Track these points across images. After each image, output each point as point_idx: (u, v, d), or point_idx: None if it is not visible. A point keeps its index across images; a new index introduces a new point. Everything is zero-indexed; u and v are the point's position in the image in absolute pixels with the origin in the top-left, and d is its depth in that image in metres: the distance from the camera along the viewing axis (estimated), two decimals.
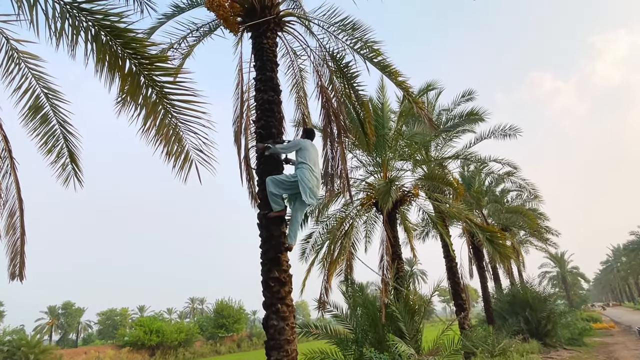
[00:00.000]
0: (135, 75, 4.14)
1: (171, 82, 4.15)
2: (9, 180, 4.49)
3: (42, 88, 5.35)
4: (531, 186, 19.17)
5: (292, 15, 7.83)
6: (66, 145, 5.61)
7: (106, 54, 4.26)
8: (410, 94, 7.99)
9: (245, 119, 7.42)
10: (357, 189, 12.61)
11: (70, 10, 4.21)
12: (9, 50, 5.01)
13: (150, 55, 4.19)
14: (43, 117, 5.43)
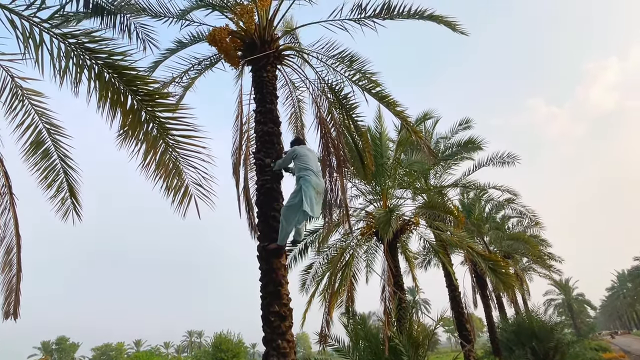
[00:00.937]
0: (137, 111, 4.20)
1: (172, 117, 4.21)
2: (7, 217, 4.48)
3: (45, 124, 5.42)
4: (531, 213, 19.13)
5: (291, 49, 8.03)
6: (66, 180, 5.62)
7: (108, 91, 4.34)
8: (409, 124, 8.10)
9: (245, 150, 7.47)
10: (356, 218, 12.56)
11: (75, 49, 4.32)
12: (14, 88, 5.11)
13: (152, 92, 4.27)
14: (44, 152, 5.48)
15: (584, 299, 66.15)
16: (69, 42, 4.37)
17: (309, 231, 12.09)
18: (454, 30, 7.17)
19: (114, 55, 4.24)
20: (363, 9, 7.22)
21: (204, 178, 4.19)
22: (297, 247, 12.03)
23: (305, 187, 5.50)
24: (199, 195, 4.26)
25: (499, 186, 16.90)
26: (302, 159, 5.75)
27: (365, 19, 7.36)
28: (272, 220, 6.32)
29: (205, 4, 7.66)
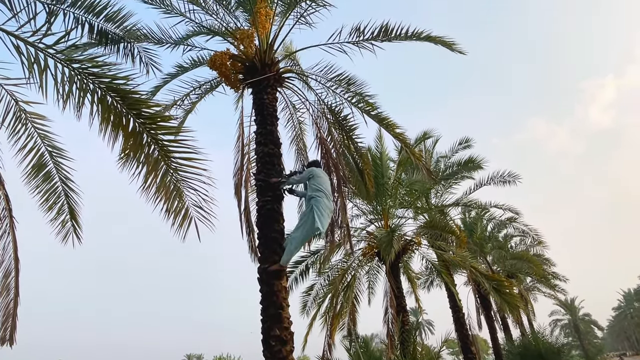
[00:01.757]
0: (139, 133, 4.24)
1: (173, 140, 4.24)
2: (7, 240, 4.46)
3: (47, 146, 5.47)
4: (534, 231, 19.00)
5: (291, 72, 8.15)
6: (67, 202, 5.63)
7: (111, 114, 4.39)
8: (408, 145, 8.15)
9: (246, 171, 7.49)
10: (357, 238, 12.49)
11: (79, 74, 4.39)
12: (17, 111, 5.18)
13: (154, 115, 4.32)
14: (46, 174, 5.50)
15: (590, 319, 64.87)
16: (73, 67, 4.44)
17: (310, 252, 12.00)
18: (451, 50, 7.29)
19: (117, 80, 4.31)
20: (361, 32, 7.36)
21: (205, 200, 4.19)
22: (298, 269, 11.92)
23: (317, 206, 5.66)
24: (199, 218, 4.25)
25: (501, 205, 16.86)
26: (317, 180, 5.93)
27: (364, 42, 7.50)
28: (272, 242, 6.29)
29: (207, 31, 7.82)
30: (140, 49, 7.03)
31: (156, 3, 7.06)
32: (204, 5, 7.29)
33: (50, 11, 5.27)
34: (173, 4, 7.14)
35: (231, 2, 7.60)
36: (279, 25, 7.42)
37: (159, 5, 7.11)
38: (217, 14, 7.55)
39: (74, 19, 5.72)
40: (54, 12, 5.55)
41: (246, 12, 7.59)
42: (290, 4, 7.11)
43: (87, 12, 5.84)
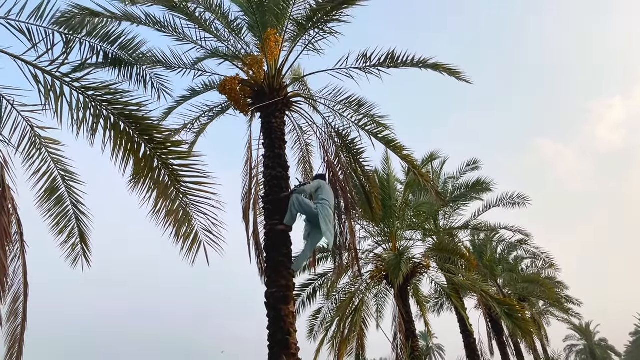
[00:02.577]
0: (150, 158, 4.31)
1: (184, 164, 4.30)
2: (17, 264, 4.50)
3: (60, 171, 5.57)
4: (545, 254, 18.64)
5: (299, 96, 8.28)
6: (77, 225, 5.70)
7: (123, 139, 4.48)
8: (416, 167, 8.16)
9: (254, 194, 7.53)
10: (365, 260, 12.36)
11: (93, 100, 4.51)
12: (32, 137, 5.31)
13: (165, 140, 4.40)
14: (58, 198, 5.59)
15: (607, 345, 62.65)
16: (87, 94, 4.57)
17: (317, 275, 11.89)
18: (457, 78, 7.38)
19: (130, 106, 4.42)
20: (368, 58, 7.50)
21: (214, 224, 4.21)
22: (305, 292, 11.79)
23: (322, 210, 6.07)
24: (208, 242, 4.26)
25: (510, 227, 16.62)
26: (324, 190, 6.39)
27: (370, 68, 7.63)
28: (280, 266, 6.26)
29: (217, 54, 8.01)
30: (152, 75, 7.22)
31: (169, 31, 7.28)
32: (216, 33, 7.50)
33: (67, 41, 5.47)
34: (186, 32, 7.35)
35: (242, 29, 7.82)
36: (288, 51, 7.59)
37: (172, 33, 7.33)
38: (228, 41, 7.75)
39: (90, 47, 5.92)
40: (71, 41, 5.75)
41: (256, 39, 7.78)
42: (299, 32, 7.29)
43: (102, 41, 6.05)
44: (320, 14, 6.63)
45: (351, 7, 6.45)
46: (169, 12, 6.96)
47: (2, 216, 3.77)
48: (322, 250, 11.08)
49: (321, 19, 6.76)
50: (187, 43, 7.61)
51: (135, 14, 6.77)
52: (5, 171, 4.17)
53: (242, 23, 7.81)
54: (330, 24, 6.96)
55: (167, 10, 6.89)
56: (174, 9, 6.75)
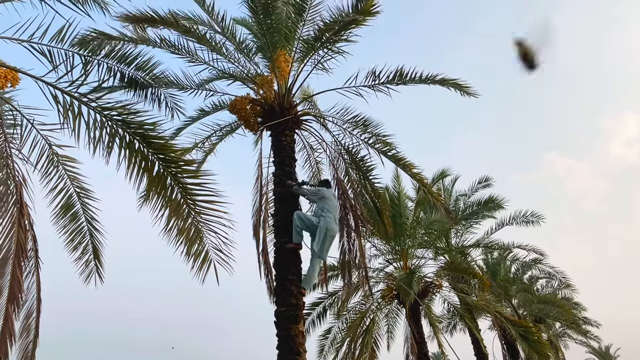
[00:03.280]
0: (163, 177, 4.39)
1: (196, 183, 4.37)
2: (31, 280, 4.57)
3: (75, 188, 5.71)
4: (561, 274, 18.18)
5: (309, 115, 8.38)
6: (91, 242, 5.79)
7: (137, 158, 4.58)
8: (425, 185, 8.13)
9: (264, 212, 7.56)
10: (375, 279, 12.21)
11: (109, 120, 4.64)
12: (50, 155, 5.46)
13: (178, 159, 4.49)
14: (73, 214, 5.71)
15: None
16: (104, 114, 4.70)
17: (327, 293, 11.77)
18: (465, 93, 7.42)
19: (145, 125, 4.53)
20: (377, 76, 7.59)
21: (224, 243, 4.24)
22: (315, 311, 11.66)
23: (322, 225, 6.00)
24: (218, 261, 4.29)
25: (524, 245, 16.31)
26: (328, 201, 6.30)
27: (379, 85, 7.72)
28: (289, 284, 6.24)
29: (228, 75, 8.18)
30: (167, 95, 7.41)
31: (182, 53, 7.50)
32: (227, 54, 7.69)
33: (86, 62, 5.67)
34: (198, 54, 7.56)
35: (252, 50, 8.01)
36: (297, 70, 7.73)
37: (185, 55, 7.55)
38: (239, 62, 7.93)
39: (107, 68, 6.13)
40: (90, 62, 5.96)
41: (266, 59, 7.95)
42: (308, 52, 7.43)
43: (119, 62, 6.26)
44: (328, 34, 6.77)
45: (359, 27, 6.57)
46: (182, 36, 7.19)
47: (20, 233, 3.86)
48: (332, 268, 11.01)
49: (329, 39, 6.89)
50: (199, 64, 7.81)
51: (150, 38, 7.01)
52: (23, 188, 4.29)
53: (251, 44, 8.02)
54: (338, 43, 7.10)
55: (180, 34, 7.11)
56: (186, 33, 6.97)
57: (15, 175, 4.51)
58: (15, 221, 4.06)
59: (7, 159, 4.70)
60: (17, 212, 4.04)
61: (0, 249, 3.84)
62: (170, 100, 7.42)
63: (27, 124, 5.14)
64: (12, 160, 4.62)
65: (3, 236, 3.94)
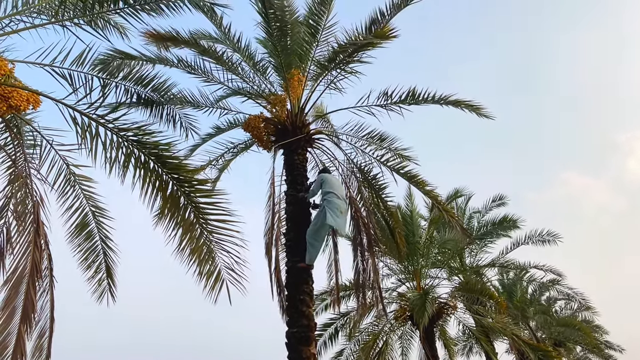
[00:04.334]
0: (177, 197, 4.42)
1: (209, 202, 4.38)
2: (45, 299, 4.61)
3: (91, 207, 5.78)
4: (580, 295, 17.62)
5: (321, 133, 8.41)
6: (105, 261, 5.83)
7: (152, 177, 4.63)
8: (440, 203, 8.04)
9: (277, 230, 7.53)
10: (388, 299, 11.99)
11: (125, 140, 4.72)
12: (67, 174, 5.56)
13: (191, 178, 4.52)
14: (87, 233, 5.77)
15: None
16: (120, 134, 4.79)
17: (339, 314, 11.58)
18: (478, 114, 7.39)
19: (160, 146, 4.60)
20: (389, 96, 7.62)
21: (237, 263, 4.22)
22: (327, 332, 11.45)
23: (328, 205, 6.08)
24: (230, 281, 4.26)
25: (541, 265, 15.90)
26: (327, 184, 6.40)
27: (392, 105, 7.74)
28: (301, 304, 6.16)
29: (242, 93, 8.30)
30: (181, 115, 7.54)
31: (199, 73, 7.66)
32: (242, 73, 7.82)
33: (104, 84, 5.83)
34: (214, 74, 7.71)
35: (267, 69, 8.14)
36: (311, 90, 7.80)
37: (201, 74, 7.71)
38: (253, 81, 8.06)
39: (125, 90, 6.28)
40: (108, 84, 6.11)
41: (280, 78, 8.06)
42: (321, 72, 7.51)
43: (136, 84, 6.41)
44: (342, 55, 6.85)
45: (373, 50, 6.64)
46: (199, 55, 7.35)
47: (35, 252, 3.90)
48: (344, 288, 10.86)
49: (343, 60, 6.97)
50: (215, 83, 7.95)
51: (168, 58, 7.18)
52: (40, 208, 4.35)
53: (267, 64, 8.15)
54: (351, 64, 7.17)
55: (198, 54, 7.28)
56: (204, 52, 7.13)
57: (34, 194, 4.59)
58: (31, 240, 4.11)
59: (26, 178, 4.79)
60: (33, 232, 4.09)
61: (16, 268, 3.88)
62: (185, 120, 7.56)
63: (46, 144, 5.27)
64: (31, 180, 4.72)
65: (19, 255, 3.99)
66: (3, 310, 3.80)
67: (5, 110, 4.25)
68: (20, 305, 3.86)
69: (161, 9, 5.13)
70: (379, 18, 6.69)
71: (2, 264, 4.37)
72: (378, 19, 6.69)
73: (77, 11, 4.99)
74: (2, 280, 4.08)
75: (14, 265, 4.00)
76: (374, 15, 6.70)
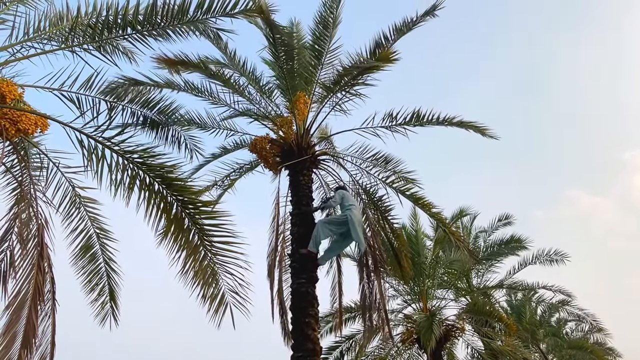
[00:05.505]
0: (181, 218, 4.41)
1: (213, 224, 4.37)
2: (47, 323, 4.55)
3: (96, 229, 5.78)
4: (591, 317, 17.20)
5: (327, 154, 8.43)
6: (108, 284, 5.79)
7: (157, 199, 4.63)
8: (446, 225, 7.97)
9: (280, 251, 7.47)
10: (394, 321, 11.76)
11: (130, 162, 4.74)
12: (73, 197, 5.58)
13: (196, 200, 4.51)
14: (91, 255, 5.75)
15: None
16: (126, 157, 4.81)
17: (344, 337, 11.35)
18: (483, 135, 7.40)
19: (165, 168, 4.61)
20: (394, 118, 7.66)
21: (241, 285, 4.16)
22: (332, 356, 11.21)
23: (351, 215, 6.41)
24: (234, 304, 4.19)
25: (550, 286, 15.60)
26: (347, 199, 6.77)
27: (396, 126, 7.77)
28: (306, 327, 6.05)
29: (249, 115, 8.37)
30: (187, 137, 7.61)
31: (205, 95, 7.77)
32: (248, 96, 7.92)
33: (111, 107, 5.91)
34: (220, 96, 7.81)
35: (273, 92, 8.24)
36: (316, 111, 7.86)
37: (208, 97, 7.82)
38: (260, 103, 8.15)
39: (131, 112, 6.36)
40: (114, 107, 6.20)
41: (286, 100, 8.14)
42: (327, 94, 7.59)
43: (142, 107, 6.50)
44: (346, 78, 6.93)
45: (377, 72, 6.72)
46: (206, 78, 7.48)
47: (38, 275, 3.88)
48: (349, 310, 10.68)
49: (348, 82, 7.05)
50: (221, 106, 8.05)
51: (175, 82, 7.31)
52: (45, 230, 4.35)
53: (272, 86, 8.26)
54: (356, 87, 7.25)
55: (205, 77, 7.40)
56: (211, 76, 7.25)
57: (39, 217, 4.59)
58: (34, 263, 4.09)
59: (32, 200, 4.81)
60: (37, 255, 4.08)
61: (19, 292, 3.85)
62: (190, 142, 7.63)
63: (53, 166, 5.30)
64: (36, 203, 4.73)
65: (22, 279, 3.96)
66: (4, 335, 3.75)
67: (13, 134, 4.30)
68: (22, 330, 3.81)
69: (168, 35, 5.23)
70: (382, 42, 6.80)
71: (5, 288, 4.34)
72: (382, 42, 6.80)
73: (87, 37, 5.10)
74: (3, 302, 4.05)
75: (17, 289, 3.97)
76: (378, 39, 6.82)
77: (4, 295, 4.16)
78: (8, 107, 4.29)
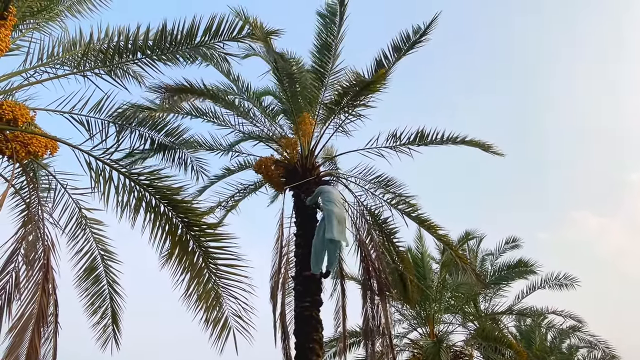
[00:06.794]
0: (186, 241, 4.41)
1: (218, 247, 4.36)
2: (48, 347, 4.50)
3: (100, 250, 5.78)
4: (604, 343, 16.68)
5: (331, 175, 8.46)
6: (111, 306, 5.75)
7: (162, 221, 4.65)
8: (452, 248, 7.90)
9: (284, 273, 7.40)
10: (400, 347, 11.50)
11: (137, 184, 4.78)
12: (79, 218, 5.62)
13: (201, 222, 4.52)
14: (95, 277, 5.73)
15: None
16: (132, 178, 4.86)
17: None
18: (487, 152, 7.42)
19: (171, 190, 4.65)
20: (398, 138, 7.72)
21: (244, 309, 4.11)
22: None
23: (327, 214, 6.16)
24: (237, 328, 4.13)
25: (560, 311, 15.23)
26: (326, 195, 6.49)
27: (400, 146, 7.82)
28: (310, 353, 5.94)
29: (253, 137, 8.47)
30: (193, 159, 7.69)
31: (211, 119, 7.90)
32: (253, 118, 8.04)
33: (119, 130, 6.00)
34: (225, 119, 7.93)
35: (277, 114, 8.35)
36: (320, 132, 7.94)
37: (213, 120, 7.94)
38: (264, 125, 8.26)
39: (139, 135, 6.46)
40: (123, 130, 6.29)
41: (290, 122, 8.24)
42: (329, 115, 7.68)
43: (150, 129, 6.60)
44: (346, 98, 7.02)
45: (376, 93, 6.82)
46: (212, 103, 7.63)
47: (42, 298, 3.87)
48: (353, 335, 10.47)
49: (348, 103, 7.13)
50: (226, 128, 8.17)
51: (182, 107, 7.46)
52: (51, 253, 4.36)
53: (276, 107, 8.38)
54: (357, 108, 7.33)
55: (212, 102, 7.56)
56: (218, 101, 7.41)
57: (45, 238, 4.62)
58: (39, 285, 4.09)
59: (39, 222, 4.84)
60: (42, 277, 4.07)
61: (22, 314, 3.83)
62: (196, 163, 7.70)
63: (60, 188, 5.36)
64: (43, 224, 4.76)
65: (26, 301, 3.95)
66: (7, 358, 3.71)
67: (24, 156, 4.38)
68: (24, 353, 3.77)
69: (177, 59, 5.37)
70: (383, 62, 6.93)
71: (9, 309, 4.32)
72: (382, 62, 6.93)
73: (98, 62, 5.25)
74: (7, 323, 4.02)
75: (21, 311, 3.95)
76: (379, 59, 6.94)
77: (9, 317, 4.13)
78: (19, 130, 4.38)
